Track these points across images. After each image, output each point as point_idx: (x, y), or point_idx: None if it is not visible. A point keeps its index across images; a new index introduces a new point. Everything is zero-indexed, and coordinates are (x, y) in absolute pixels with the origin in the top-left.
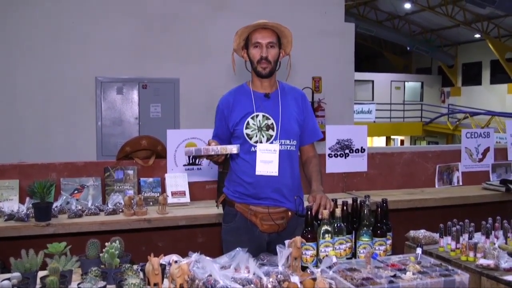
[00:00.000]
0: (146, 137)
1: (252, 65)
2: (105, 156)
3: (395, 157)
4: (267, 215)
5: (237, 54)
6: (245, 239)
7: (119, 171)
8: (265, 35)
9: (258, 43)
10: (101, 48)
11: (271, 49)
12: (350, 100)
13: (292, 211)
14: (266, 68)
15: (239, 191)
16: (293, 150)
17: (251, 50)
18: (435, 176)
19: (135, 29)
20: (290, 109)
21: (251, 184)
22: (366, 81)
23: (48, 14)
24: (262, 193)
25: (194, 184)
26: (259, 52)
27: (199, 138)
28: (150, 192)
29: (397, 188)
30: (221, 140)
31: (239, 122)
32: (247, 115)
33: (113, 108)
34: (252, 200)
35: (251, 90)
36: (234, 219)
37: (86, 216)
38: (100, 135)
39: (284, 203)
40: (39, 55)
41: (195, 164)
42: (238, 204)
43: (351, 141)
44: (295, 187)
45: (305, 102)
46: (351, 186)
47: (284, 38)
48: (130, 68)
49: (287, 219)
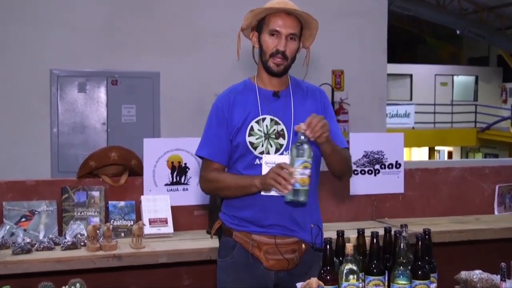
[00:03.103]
0: (117, 149)
1: (263, 56)
2: (62, 173)
3: (441, 175)
4: (274, 247)
5: (243, 34)
6: (246, 279)
7: (80, 193)
8: (288, 23)
9: (277, 32)
10: (57, 33)
11: (291, 42)
12: (382, 100)
13: (307, 243)
14: (280, 65)
15: (239, 217)
16: None
17: (265, 36)
18: (494, 199)
19: (103, 8)
20: (305, 111)
21: (254, 207)
22: (403, 75)
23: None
24: (268, 219)
25: (179, 209)
26: (276, 43)
27: (185, 149)
28: (121, 219)
29: (444, 215)
30: (219, 154)
31: (241, 127)
32: (250, 119)
33: (73, 111)
34: (255, 228)
35: (256, 86)
36: (232, 252)
37: (36, 252)
38: (56, 146)
39: (296, 232)
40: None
41: (180, 183)
42: (237, 233)
43: (383, 154)
44: (312, 212)
45: (326, 103)
46: (382, 212)
47: (308, 30)
48: (96, 59)
49: (299, 253)
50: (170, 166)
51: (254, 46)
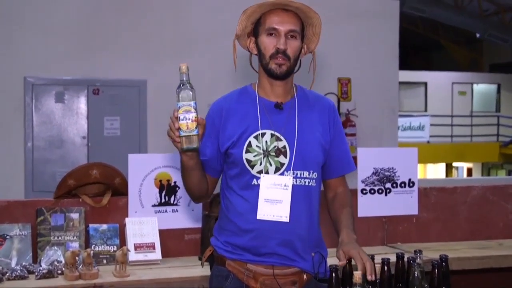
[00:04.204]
0: (98, 166)
1: (263, 60)
2: (37, 193)
3: (460, 194)
4: (271, 278)
5: (239, 43)
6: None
7: (58, 215)
8: (286, 19)
9: (275, 30)
10: (32, 36)
11: (291, 40)
12: (393, 111)
13: (309, 273)
14: (282, 65)
15: (232, 243)
16: (312, 186)
17: (262, 38)
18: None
19: (84, 8)
20: (311, 126)
21: (250, 233)
22: (417, 83)
23: None
24: (266, 247)
25: (167, 232)
26: (275, 43)
27: (175, 166)
28: (103, 245)
29: (463, 240)
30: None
31: (237, 142)
32: (248, 133)
33: (50, 123)
34: (250, 256)
35: (257, 96)
36: (224, 283)
37: (8, 281)
38: (31, 162)
39: (297, 261)
40: None
41: (169, 203)
42: (230, 262)
43: (395, 171)
44: (314, 238)
45: (336, 119)
46: (394, 236)
47: (311, 27)
48: (75, 65)
49: (300, 284)
50: (158, 185)
51: (251, 53)
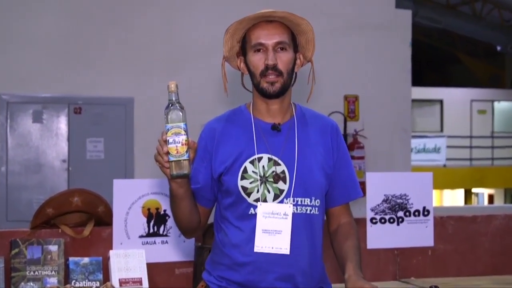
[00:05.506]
0: (80, 192)
1: (254, 79)
2: (11, 222)
3: (480, 224)
4: None
5: (229, 64)
6: None
7: (34, 247)
8: (272, 32)
9: (261, 45)
10: (7, 49)
11: (281, 53)
12: (405, 131)
13: None
14: (275, 82)
15: (227, 278)
16: (315, 215)
17: (250, 56)
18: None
19: (64, 20)
20: (313, 149)
21: (247, 267)
22: (432, 101)
23: None
24: (264, 282)
25: (156, 266)
26: (263, 59)
27: (164, 193)
28: (84, 280)
29: (484, 275)
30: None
31: (231, 167)
32: (243, 158)
33: (27, 145)
34: None
35: (252, 117)
36: None
37: None
38: (5, 189)
39: None
40: None
41: (158, 234)
42: None
43: (407, 198)
44: (317, 272)
45: (338, 139)
46: (408, 270)
47: (302, 35)
48: (55, 82)
49: None
50: (145, 214)
51: (243, 73)
